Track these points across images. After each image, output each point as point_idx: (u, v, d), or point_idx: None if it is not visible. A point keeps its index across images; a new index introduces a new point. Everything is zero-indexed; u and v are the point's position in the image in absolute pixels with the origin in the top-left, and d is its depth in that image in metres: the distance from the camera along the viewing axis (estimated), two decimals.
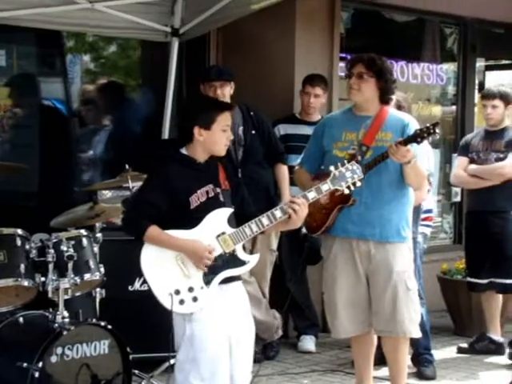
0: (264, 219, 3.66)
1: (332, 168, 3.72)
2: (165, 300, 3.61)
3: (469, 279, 6.08)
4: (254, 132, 5.52)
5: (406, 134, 4.36)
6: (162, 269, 3.63)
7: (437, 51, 7.69)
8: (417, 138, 4.23)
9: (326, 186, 3.71)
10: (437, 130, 4.21)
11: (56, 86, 7.01)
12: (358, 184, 3.73)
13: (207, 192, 3.68)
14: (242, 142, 5.47)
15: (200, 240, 3.63)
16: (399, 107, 5.20)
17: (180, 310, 3.62)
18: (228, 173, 3.81)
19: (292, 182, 5.37)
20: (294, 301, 5.98)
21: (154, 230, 3.61)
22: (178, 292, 3.60)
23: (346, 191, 3.73)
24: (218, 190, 3.72)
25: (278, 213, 3.66)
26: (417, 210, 5.23)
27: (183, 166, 3.70)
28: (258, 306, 5.34)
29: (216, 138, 3.70)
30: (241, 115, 5.50)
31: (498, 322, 6.00)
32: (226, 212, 3.69)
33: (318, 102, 6.02)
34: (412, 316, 4.42)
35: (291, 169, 5.36)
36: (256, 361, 4.08)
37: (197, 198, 3.65)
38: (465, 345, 6.01)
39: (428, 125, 4.26)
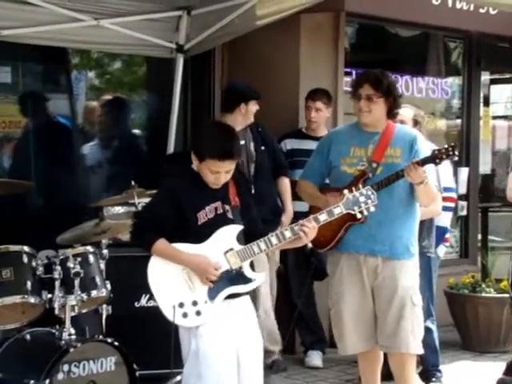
0: (273, 238, 3.66)
1: (346, 191, 3.73)
2: (168, 312, 3.61)
3: None
4: (263, 148, 5.60)
5: (413, 149, 4.36)
6: (168, 281, 3.64)
7: (441, 65, 7.70)
8: (435, 159, 4.22)
9: (339, 210, 3.71)
10: (456, 153, 4.21)
11: (61, 102, 7.03)
12: (372, 209, 3.73)
13: (216, 208, 3.69)
14: (253, 158, 5.54)
15: (207, 256, 3.63)
16: (416, 122, 5.21)
17: (183, 323, 3.62)
18: (239, 189, 3.80)
19: (295, 197, 5.39)
20: (300, 316, 5.98)
21: (161, 243, 3.62)
22: (181, 305, 3.60)
23: (359, 216, 3.74)
24: (227, 206, 3.71)
25: (287, 233, 3.67)
26: (430, 224, 5.21)
27: (193, 182, 3.71)
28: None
29: (204, 172, 3.67)
30: (250, 131, 5.56)
31: None
32: (236, 229, 3.69)
33: (320, 117, 6.01)
34: (416, 332, 4.39)
35: (296, 183, 5.37)
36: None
37: (205, 215, 3.65)
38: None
39: (447, 146, 4.25)
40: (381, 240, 4.32)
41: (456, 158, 4.34)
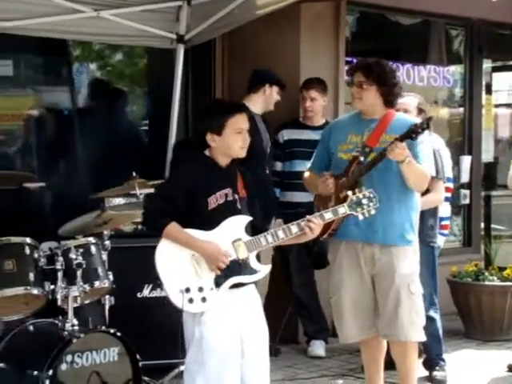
0: (280, 232, 3.72)
1: (350, 193, 3.85)
2: (174, 296, 3.62)
3: None
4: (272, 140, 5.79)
5: None
6: (176, 266, 3.65)
7: (443, 53, 7.67)
8: (411, 133, 4.24)
9: (343, 210, 3.82)
10: (430, 125, 4.27)
11: (63, 94, 7.03)
12: (373, 212, 3.84)
13: (226, 195, 3.71)
14: (268, 143, 5.71)
15: (217, 243, 3.65)
16: (420, 111, 5.21)
17: (188, 308, 3.63)
18: (246, 181, 3.83)
19: (298, 188, 5.40)
20: (302, 305, 5.99)
21: (173, 227, 3.63)
22: (188, 290, 3.61)
23: (361, 217, 3.84)
24: (236, 196, 3.75)
25: (294, 228, 3.73)
26: (433, 214, 5.20)
27: (205, 167, 3.73)
28: None
29: (229, 142, 3.71)
30: (264, 124, 5.69)
31: None
32: (245, 219, 3.72)
33: (315, 106, 6.00)
34: (414, 320, 4.39)
35: (296, 174, 5.40)
36: None
37: (215, 200, 3.68)
38: None
39: (422, 121, 4.31)
40: (375, 227, 4.32)
41: (430, 131, 4.39)
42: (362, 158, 4.33)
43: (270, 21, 5.81)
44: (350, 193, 3.84)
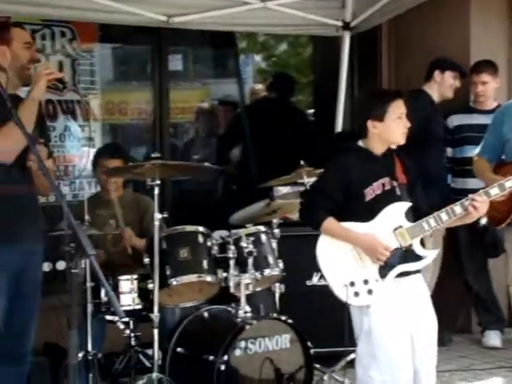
0: (443, 214, 3.61)
1: None
2: (339, 291, 3.62)
3: None
4: None
5: None
6: (338, 260, 3.65)
7: None
8: None
9: (510, 183, 3.63)
10: None
11: (230, 86, 7.19)
12: None
13: (383, 185, 3.66)
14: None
15: (375, 235, 3.61)
16: None
17: (354, 302, 3.62)
18: (405, 166, 3.76)
19: (470, 174, 5.23)
20: (476, 295, 5.83)
21: (330, 222, 3.63)
22: (352, 284, 3.60)
23: None
24: (395, 183, 3.69)
25: (457, 209, 3.61)
26: None
27: (360, 159, 3.71)
28: None
29: (391, 128, 3.67)
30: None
31: None
32: (404, 206, 3.65)
33: (488, 89, 5.79)
34: None
35: (467, 160, 5.23)
36: None
37: (372, 191, 3.64)
38: None
39: None
40: None
41: None
42: None
43: (437, 3, 5.65)
44: None
